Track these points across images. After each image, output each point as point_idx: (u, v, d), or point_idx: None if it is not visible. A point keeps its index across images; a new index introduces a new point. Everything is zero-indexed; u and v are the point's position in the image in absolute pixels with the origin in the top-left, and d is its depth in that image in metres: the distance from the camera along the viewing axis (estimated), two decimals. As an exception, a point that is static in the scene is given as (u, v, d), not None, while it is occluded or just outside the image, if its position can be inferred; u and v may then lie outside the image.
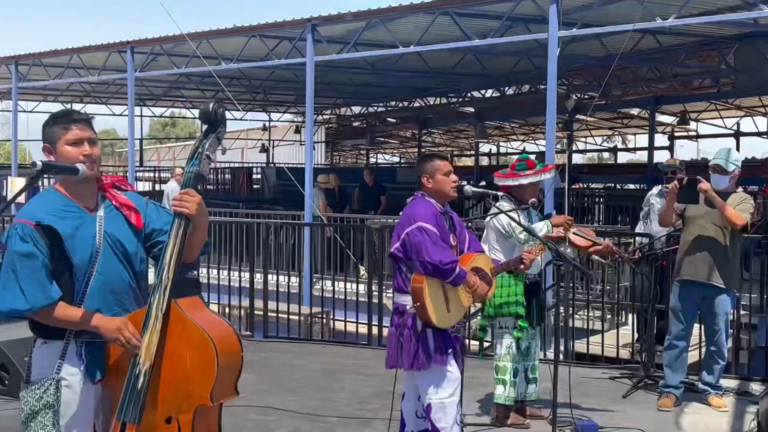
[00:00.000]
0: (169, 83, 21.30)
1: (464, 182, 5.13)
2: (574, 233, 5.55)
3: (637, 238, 7.97)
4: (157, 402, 2.92)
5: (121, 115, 24.22)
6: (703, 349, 6.62)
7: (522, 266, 4.79)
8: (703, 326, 6.32)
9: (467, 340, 5.04)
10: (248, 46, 14.23)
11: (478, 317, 5.42)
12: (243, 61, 14.82)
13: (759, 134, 25.78)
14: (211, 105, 2.96)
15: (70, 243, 2.87)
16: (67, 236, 2.86)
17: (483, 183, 13.58)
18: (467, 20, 11.72)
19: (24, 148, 27.48)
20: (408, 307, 4.36)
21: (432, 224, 4.30)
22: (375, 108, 27.26)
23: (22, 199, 11.95)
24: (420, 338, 4.32)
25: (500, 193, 5.04)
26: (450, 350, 4.38)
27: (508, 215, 5.19)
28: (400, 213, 4.54)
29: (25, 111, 20.75)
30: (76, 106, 21.27)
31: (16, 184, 12.40)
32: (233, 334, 3.06)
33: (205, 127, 2.99)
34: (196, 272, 7.62)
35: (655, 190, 8.36)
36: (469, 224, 5.01)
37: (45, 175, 2.81)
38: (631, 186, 22.69)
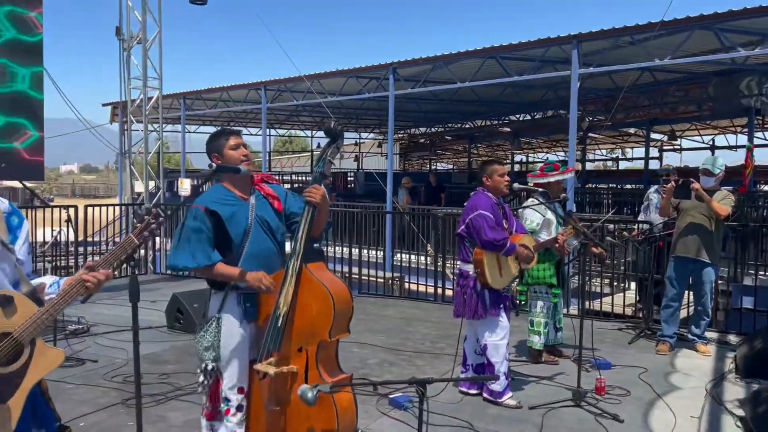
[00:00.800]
0: (289, 111, 21.58)
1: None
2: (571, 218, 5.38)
3: (640, 225, 7.71)
4: (291, 337, 2.95)
5: (255, 135, 24.64)
6: (692, 309, 6.40)
7: (557, 245, 4.67)
8: (692, 291, 6.06)
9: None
10: (346, 84, 14.28)
11: (518, 285, 5.30)
12: (343, 95, 14.89)
13: (729, 147, 24.79)
14: (332, 123, 2.99)
15: (229, 223, 2.94)
16: (226, 218, 2.93)
17: (515, 183, 13.33)
18: (509, 62, 11.48)
19: (188, 158, 28.26)
20: (470, 273, 4.31)
21: (489, 212, 4.23)
22: (436, 128, 27.06)
23: (187, 192, 12.17)
24: (479, 296, 4.27)
25: (541, 189, 4.91)
26: (502, 305, 4.31)
27: (534, 208, 5.08)
28: (464, 204, 4.48)
29: (189, 132, 21.34)
30: (225, 128, 21.63)
31: (184, 183, 12.70)
32: (346, 290, 3.08)
33: (328, 139, 3.01)
34: (318, 244, 7.67)
35: (653, 188, 8.10)
36: (515, 212, 4.89)
37: (218, 174, 2.88)
38: (629, 186, 21.96)
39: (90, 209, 9.66)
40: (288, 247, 3.14)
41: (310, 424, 2.91)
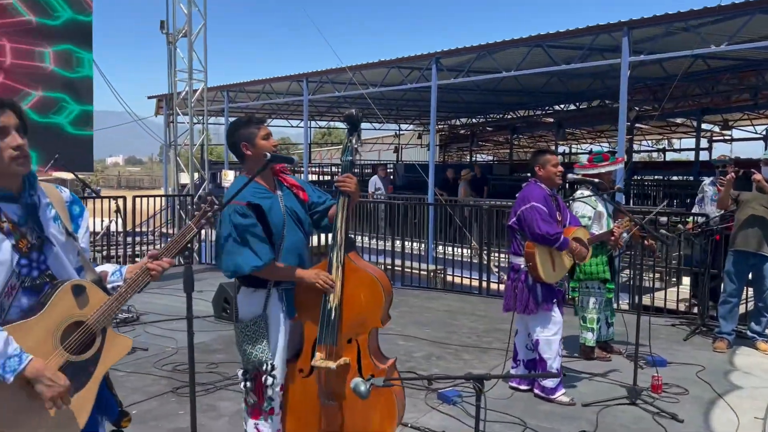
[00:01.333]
0: (330, 103, 21.61)
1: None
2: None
3: (695, 218, 7.44)
4: (342, 329, 2.92)
5: (297, 126, 24.83)
6: (750, 305, 6.14)
7: (612, 238, 4.51)
8: (752, 286, 5.81)
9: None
10: (388, 75, 14.19)
11: (569, 281, 5.15)
12: (384, 86, 14.79)
13: (785, 137, 23.76)
14: (354, 111, 2.95)
15: (270, 216, 2.88)
16: (267, 211, 2.87)
17: (570, 174, 13.02)
18: (556, 50, 11.21)
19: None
20: (522, 266, 4.20)
21: (542, 204, 4.11)
22: (477, 119, 26.73)
23: (227, 184, 12.25)
24: (531, 290, 4.16)
25: (597, 180, 4.74)
26: (554, 300, 4.19)
27: (584, 200, 4.91)
28: (516, 195, 4.37)
29: (232, 124, 21.60)
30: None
31: (228, 175, 12.83)
32: (385, 275, 3.09)
33: (348, 127, 2.95)
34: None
35: (708, 180, 7.78)
36: (568, 204, 4.75)
37: (271, 163, 2.82)
38: (675, 178, 21.30)
39: (138, 200, 9.86)
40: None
41: (369, 414, 2.88)
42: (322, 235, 7.05)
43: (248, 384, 2.94)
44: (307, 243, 3.09)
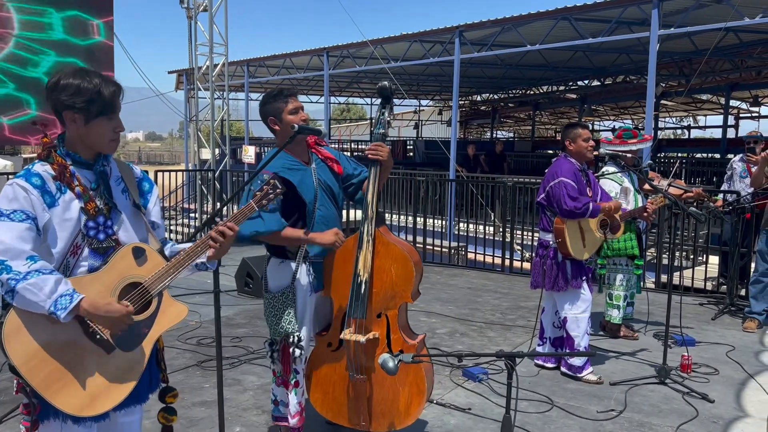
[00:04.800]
0: (350, 78, 21.43)
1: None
2: (669, 184, 5.05)
3: (726, 195, 7.25)
4: (372, 303, 2.90)
5: (317, 102, 24.72)
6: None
7: (645, 214, 4.40)
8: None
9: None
10: (410, 49, 13.98)
11: (597, 258, 5.06)
12: (406, 61, 14.58)
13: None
14: (386, 83, 2.88)
15: (301, 188, 2.85)
16: (297, 184, 2.84)
17: (601, 149, 12.80)
18: (582, 24, 10.93)
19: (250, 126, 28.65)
20: (551, 242, 4.12)
21: (571, 179, 4.01)
22: (499, 95, 26.36)
23: (251, 159, 12.26)
24: (560, 266, 4.09)
25: (629, 155, 4.61)
26: (584, 277, 4.11)
27: (609, 176, 4.79)
28: (545, 170, 4.27)
29: (252, 99, 21.54)
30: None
31: (248, 150, 12.81)
32: (415, 250, 3.04)
33: (380, 100, 2.90)
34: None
35: (737, 157, 7.58)
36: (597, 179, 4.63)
37: (298, 135, 2.76)
38: (698, 156, 20.86)
39: (159, 175, 9.90)
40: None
41: (398, 389, 2.86)
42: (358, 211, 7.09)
43: (275, 355, 2.95)
44: (340, 216, 3.07)
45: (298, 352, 2.88)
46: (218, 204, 10.86)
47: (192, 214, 11.89)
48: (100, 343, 1.96)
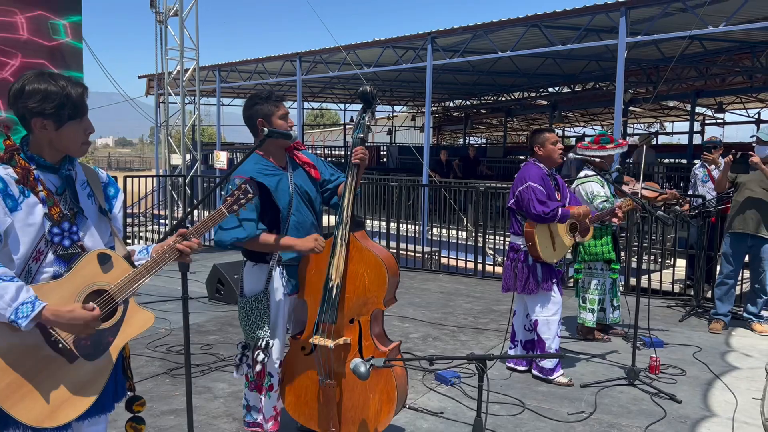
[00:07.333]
0: (323, 84, 21.38)
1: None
2: (642, 187, 5.14)
3: (692, 200, 7.42)
4: (344, 308, 2.88)
5: (290, 107, 24.57)
6: (746, 287, 6.16)
7: (615, 218, 4.47)
8: (749, 269, 5.80)
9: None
10: (383, 55, 14.02)
11: (574, 263, 5.12)
12: (379, 66, 14.61)
13: (777, 121, 23.85)
14: (368, 87, 2.88)
15: (276, 193, 2.84)
16: (272, 188, 2.83)
17: (571, 153, 13.00)
18: (552, 31, 11.09)
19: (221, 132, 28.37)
20: (522, 246, 4.16)
21: (539, 184, 4.06)
22: (471, 101, 26.58)
23: (223, 165, 12.10)
24: (531, 269, 4.12)
25: (598, 160, 4.67)
26: (554, 280, 4.15)
27: (592, 180, 4.84)
28: (515, 175, 4.31)
29: (223, 105, 21.32)
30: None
31: (220, 156, 12.70)
32: (392, 257, 3.02)
33: (362, 105, 2.91)
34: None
35: (698, 164, 7.78)
36: (574, 188, 4.70)
37: (269, 138, 2.74)
38: (666, 161, 21.32)
39: (129, 181, 9.74)
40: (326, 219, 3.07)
41: (368, 396, 2.84)
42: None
43: (249, 359, 2.92)
44: (318, 222, 3.05)
45: (263, 356, 2.86)
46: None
47: (162, 220, 11.72)
48: (62, 352, 1.91)
